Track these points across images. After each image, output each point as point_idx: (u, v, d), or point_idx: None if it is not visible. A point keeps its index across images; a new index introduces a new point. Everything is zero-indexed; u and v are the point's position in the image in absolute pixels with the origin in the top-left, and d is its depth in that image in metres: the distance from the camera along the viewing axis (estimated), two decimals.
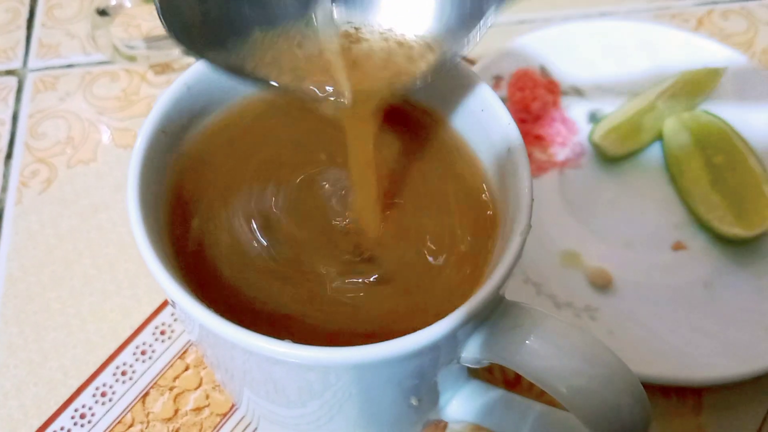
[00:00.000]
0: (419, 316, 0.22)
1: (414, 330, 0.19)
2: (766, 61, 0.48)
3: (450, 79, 0.25)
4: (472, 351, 0.22)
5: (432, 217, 0.24)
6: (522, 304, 0.22)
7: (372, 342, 0.19)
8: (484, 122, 0.25)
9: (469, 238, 0.24)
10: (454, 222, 0.24)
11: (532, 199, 0.22)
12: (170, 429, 0.32)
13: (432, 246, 0.24)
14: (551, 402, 0.27)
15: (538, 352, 0.21)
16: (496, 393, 0.28)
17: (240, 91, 0.27)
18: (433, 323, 0.19)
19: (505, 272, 0.20)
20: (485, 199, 0.25)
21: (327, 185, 0.25)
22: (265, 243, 0.24)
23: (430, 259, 0.23)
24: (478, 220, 0.24)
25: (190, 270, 0.23)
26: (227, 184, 0.25)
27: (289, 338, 0.20)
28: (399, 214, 0.25)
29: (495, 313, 0.21)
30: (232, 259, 0.24)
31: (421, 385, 0.24)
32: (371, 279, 0.23)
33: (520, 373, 0.21)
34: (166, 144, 0.24)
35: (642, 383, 0.21)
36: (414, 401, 0.24)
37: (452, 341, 0.21)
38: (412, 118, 0.27)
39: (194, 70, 0.25)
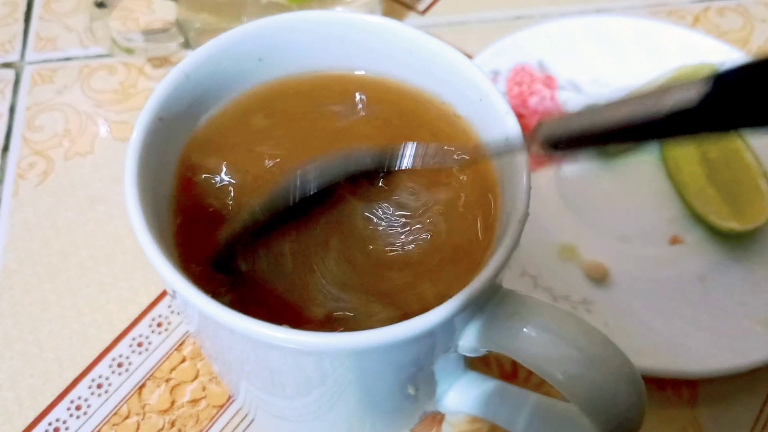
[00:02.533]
0: (417, 303, 0.22)
1: (411, 317, 0.19)
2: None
3: (448, 68, 0.25)
4: (469, 339, 0.22)
5: (430, 205, 0.24)
6: (519, 293, 0.22)
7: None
8: (482, 112, 0.25)
9: (467, 225, 0.24)
10: (452, 210, 0.24)
11: (530, 187, 0.22)
12: (166, 421, 0.32)
13: (429, 233, 0.24)
14: (548, 394, 0.28)
15: (535, 340, 0.21)
16: (492, 384, 0.29)
17: (240, 83, 0.27)
18: (430, 310, 0.19)
19: (503, 259, 0.20)
20: (483, 187, 0.25)
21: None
22: (266, 232, 0.24)
23: (428, 246, 0.23)
24: (476, 208, 0.24)
25: (189, 260, 0.23)
26: (228, 175, 0.25)
27: (287, 325, 0.20)
28: (396, 200, 0.25)
29: (492, 301, 0.21)
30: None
31: (418, 373, 0.24)
32: (367, 267, 0.23)
33: (518, 360, 0.21)
34: (164, 131, 0.24)
35: None
36: (411, 390, 0.25)
37: (449, 328, 0.21)
38: (409, 102, 0.27)
39: (192, 59, 0.25)
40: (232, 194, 0.25)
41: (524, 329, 0.21)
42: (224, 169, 0.25)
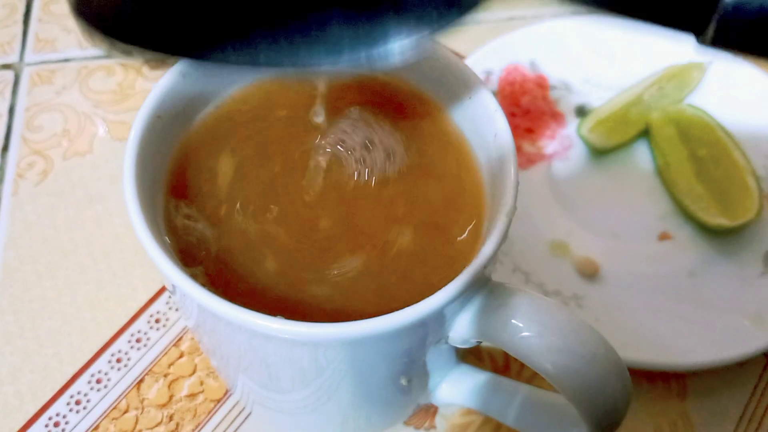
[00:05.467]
0: (408, 295, 0.23)
1: (402, 308, 0.20)
2: (750, 58, 0.49)
3: (439, 67, 0.26)
4: (459, 330, 0.22)
5: (419, 199, 0.25)
6: (508, 285, 0.22)
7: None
8: (471, 109, 0.25)
9: (456, 220, 0.24)
10: (442, 204, 0.25)
11: (518, 182, 0.22)
12: (165, 415, 0.33)
13: (419, 227, 0.24)
14: (540, 386, 0.28)
15: (524, 331, 0.21)
16: (484, 376, 0.29)
17: (235, 81, 0.27)
18: (421, 301, 0.20)
19: (491, 252, 0.21)
20: (472, 182, 0.25)
21: (323, 170, 0.26)
22: (263, 228, 0.24)
23: (418, 238, 0.24)
24: (465, 203, 0.25)
25: (187, 255, 0.24)
26: (225, 171, 0.26)
27: (282, 317, 0.20)
28: (386, 194, 0.25)
29: (481, 293, 0.22)
30: (229, 244, 0.24)
31: (411, 364, 0.24)
32: (361, 259, 0.24)
33: (507, 351, 0.22)
34: (163, 129, 0.24)
35: (628, 369, 0.21)
36: (404, 381, 0.25)
37: (440, 319, 0.21)
38: (401, 100, 0.28)
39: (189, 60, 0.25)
40: (225, 189, 0.25)
41: (512, 320, 0.21)
42: (217, 165, 0.26)
